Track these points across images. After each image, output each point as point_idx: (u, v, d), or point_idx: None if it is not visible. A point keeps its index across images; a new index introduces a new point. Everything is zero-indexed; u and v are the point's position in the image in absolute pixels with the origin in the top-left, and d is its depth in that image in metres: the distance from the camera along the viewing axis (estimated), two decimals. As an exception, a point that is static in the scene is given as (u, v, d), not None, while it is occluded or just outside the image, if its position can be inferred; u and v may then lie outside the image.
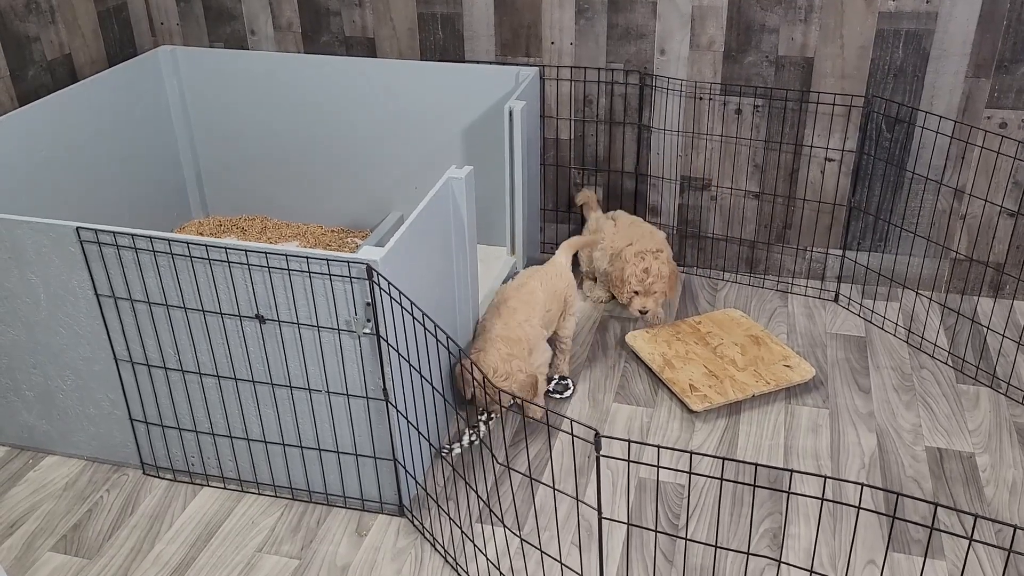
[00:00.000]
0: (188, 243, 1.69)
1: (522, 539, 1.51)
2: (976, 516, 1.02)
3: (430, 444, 1.75)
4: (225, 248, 1.68)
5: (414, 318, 1.60)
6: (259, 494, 1.96)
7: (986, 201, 2.42)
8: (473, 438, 2.01)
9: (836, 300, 2.60)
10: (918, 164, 2.46)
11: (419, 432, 1.77)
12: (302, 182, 2.88)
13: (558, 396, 2.22)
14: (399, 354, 1.68)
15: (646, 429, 2.13)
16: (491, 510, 1.54)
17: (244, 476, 1.96)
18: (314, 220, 2.97)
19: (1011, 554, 1.07)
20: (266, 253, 1.66)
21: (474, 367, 1.87)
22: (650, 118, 2.61)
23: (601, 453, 1.18)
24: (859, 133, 2.46)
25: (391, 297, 1.60)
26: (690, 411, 2.17)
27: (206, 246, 1.68)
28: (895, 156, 2.47)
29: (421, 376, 1.68)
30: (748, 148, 2.57)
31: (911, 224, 2.54)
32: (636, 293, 2.39)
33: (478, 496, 1.58)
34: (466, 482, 1.65)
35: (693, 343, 2.36)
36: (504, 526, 1.50)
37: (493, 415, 2.06)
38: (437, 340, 1.51)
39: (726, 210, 2.67)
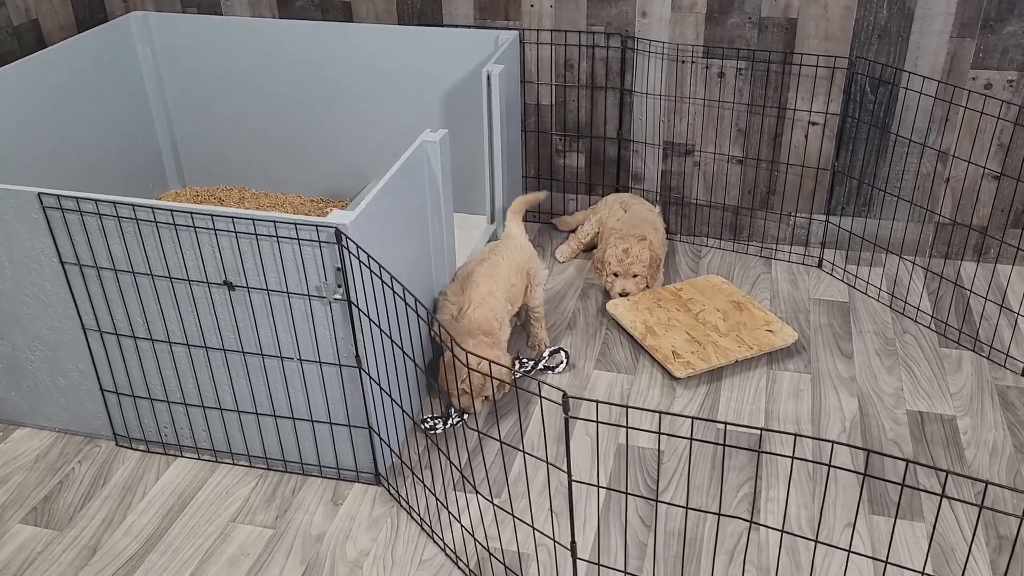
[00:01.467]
0: (153, 208, 1.65)
1: (495, 505, 1.49)
2: (948, 472, 1.00)
3: (403, 412, 1.72)
4: (191, 213, 1.64)
5: (383, 282, 1.57)
6: (233, 464, 1.94)
7: (969, 163, 2.39)
8: (455, 420, 1.98)
9: (820, 266, 2.58)
10: (902, 127, 2.43)
11: (393, 400, 1.74)
12: (280, 151, 2.84)
13: (552, 371, 2.18)
14: (371, 320, 1.65)
15: (626, 396, 2.11)
16: (464, 477, 1.52)
17: (218, 446, 1.93)
18: (293, 190, 2.93)
19: (982, 509, 1.05)
20: (232, 218, 1.62)
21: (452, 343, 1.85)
22: (632, 82, 2.56)
23: (569, 414, 1.16)
24: (843, 95, 2.43)
25: (361, 262, 1.57)
26: (673, 378, 2.15)
27: (171, 211, 1.64)
28: (879, 119, 2.44)
29: (393, 343, 1.65)
30: (731, 112, 2.53)
31: (895, 188, 2.51)
32: (615, 275, 2.37)
33: (452, 464, 1.55)
34: (440, 450, 1.62)
35: (675, 310, 2.33)
36: (478, 493, 1.48)
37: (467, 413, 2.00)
38: (407, 304, 1.48)
39: (709, 176, 2.64)
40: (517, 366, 2.15)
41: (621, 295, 2.37)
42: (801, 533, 1.74)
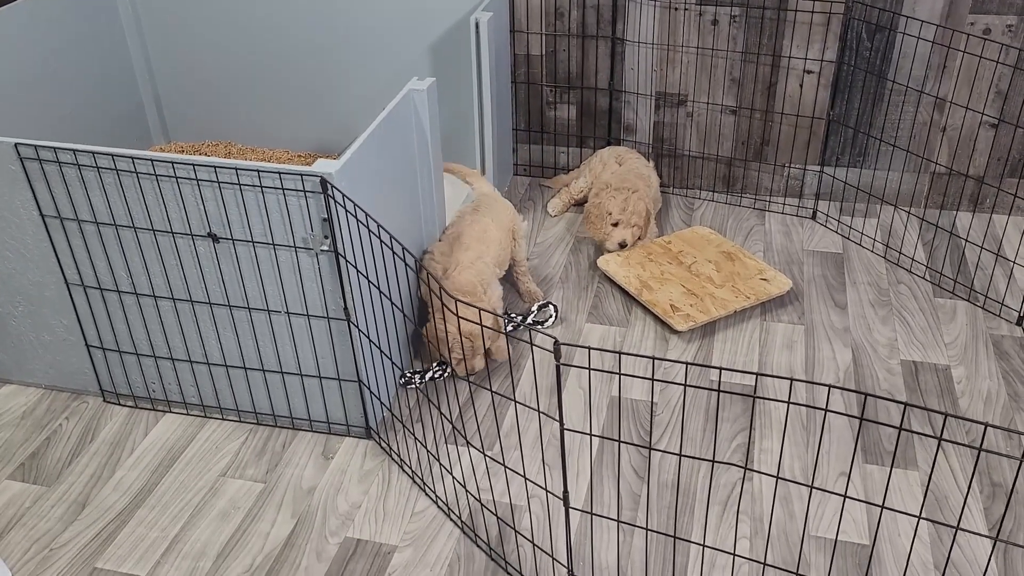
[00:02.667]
0: (133, 158, 1.61)
1: (487, 456, 1.48)
2: (946, 415, 0.98)
3: (393, 365, 1.70)
4: (172, 163, 1.60)
5: (371, 232, 1.53)
6: (223, 419, 1.92)
7: (967, 109, 2.36)
8: (437, 374, 1.96)
9: (814, 217, 2.55)
10: (898, 74, 2.39)
11: (382, 353, 1.72)
12: (267, 105, 2.78)
13: (540, 327, 2.16)
14: (358, 271, 1.62)
15: (619, 348, 2.09)
16: (456, 430, 1.51)
17: (207, 401, 1.91)
18: (280, 145, 2.88)
19: (980, 452, 1.03)
20: (215, 167, 1.58)
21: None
22: (624, 31, 2.51)
23: (560, 362, 1.13)
24: (839, 42, 2.38)
25: (347, 211, 1.54)
26: (670, 330, 2.13)
27: (152, 161, 1.60)
28: (875, 66, 2.40)
29: (381, 294, 1.63)
30: (725, 61, 2.49)
31: (891, 137, 2.48)
32: (615, 225, 2.32)
33: (442, 415, 1.54)
34: (431, 403, 1.60)
35: (667, 263, 2.31)
36: (470, 445, 1.47)
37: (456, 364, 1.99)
38: (394, 253, 1.45)
39: (702, 127, 2.60)
40: (506, 320, 2.13)
41: (621, 246, 2.33)
42: (797, 489, 1.72)
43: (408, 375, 1.94)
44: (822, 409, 1.00)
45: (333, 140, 2.80)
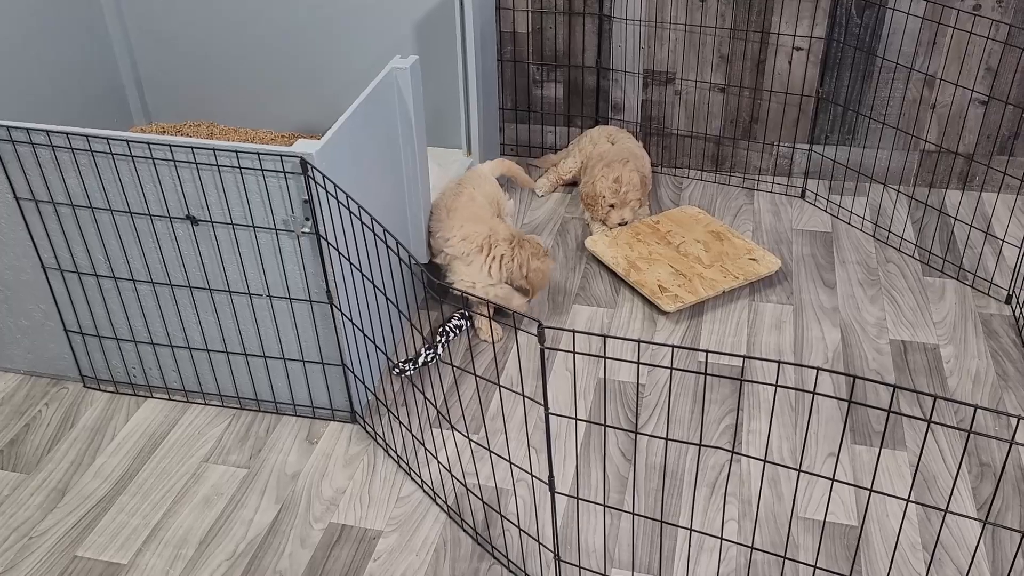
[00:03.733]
0: (108, 139, 1.57)
1: (472, 441, 1.46)
2: (936, 397, 0.96)
3: (377, 349, 1.68)
4: (148, 144, 1.56)
5: (352, 213, 1.51)
6: (205, 404, 1.90)
7: (957, 86, 2.33)
8: (430, 357, 1.94)
9: (803, 196, 2.53)
10: (888, 50, 2.36)
11: (366, 337, 1.70)
12: (250, 85, 2.74)
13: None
14: (340, 254, 1.59)
15: (607, 329, 2.07)
16: (441, 415, 1.48)
17: (189, 386, 1.88)
18: (264, 125, 2.84)
19: (970, 435, 1.02)
20: (192, 148, 1.55)
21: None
22: (611, 7, 2.47)
23: (545, 345, 1.11)
24: (828, 19, 2.35)
25: (328, 193, 1.51)
26: (658, 311, 2.11)
27: (127, 142, 1.57)
28: (865, 42, 2.37)
29: (364, 277, 1.60)
30: (713, 38, 2.45)
31: (880, 115, 2.45)
32: (612, 206, 2.31)
33: (427, 401, 1.51)
34: (415, 387, 1.58)
35: (655, 243, 2.28)
36: (454, 430, 1.45)
37: (453, 332, 1.99)
38: (375, 235, 1.42)
39: (691, 105, 2.57)
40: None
41: (620, 224, 2.31)
42: (782, 464, 1.71)
43: (400, 364, 1.91)
44: (811, 392, 0.98)
45: (317, 120, 2.76)
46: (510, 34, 2.57)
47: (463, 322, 2.04)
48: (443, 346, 1.99)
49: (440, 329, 2.02)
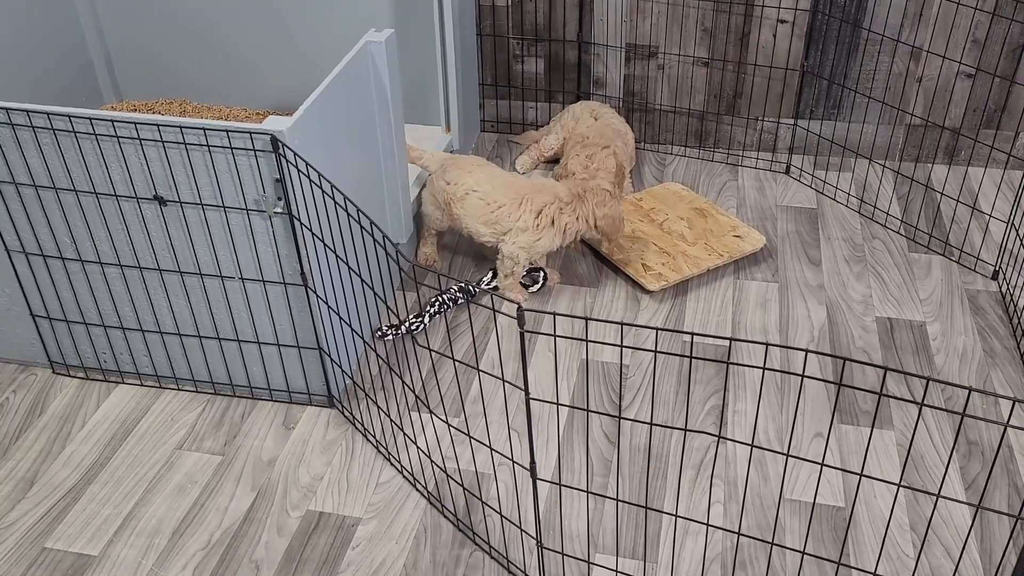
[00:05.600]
0: (70, 117, 1.51)
1: (450, 425, 1.42)
2: (928, 379, 0.93)
3: (353, 331, 1.63)
4: (112, 122, 1.50)
5: (324, 193, 1.45)
6: (178, 390, 1.85)
7: (944, 58, 2.30)
8: (414, 325, 1.91)
9: (787, 172, 2.49)
10: (873, 22, 2.32)
11: (342, 320, 1.65)
12: (223, 60, 2.66)
13: (525, 289, 2.09)
14: (314, 235, 1.54)
15: (589, 310, 2.03)
16: (419, 400, 1.44)
17: (161, 372, 1.83)
18: (238, 102, 2.77)
19: (964, 418, 0.99)
20: (158, 125, 1.49)
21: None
22: (591, -21, 2.42)
23: (525, 329, 1.07)
24: (813, -10, 2.31)
25: (300, 171, 1.45)
26: (642, 290, 2.07)
27: (91, 120, 1.51)
28: (850, 14, 2.33)
29: (338, 258, 1.55)
30: (697, 11, 2.40)
31: (866, 88, 2.41)
32: None
33: (404, 384, 1.47)
34: (391, 369, 1.54)
35: (638, 221, 2.24)
36: (433, 415, 1.41)
37: (446, 304, 1.95)
38: (348, 215, 1.37)
39: (674, 80, 2.52)
40: (491, 276, 2.06)
41: None
42: (769, 446, 1.69)
43: (384, 329, 1.87)
44: (798, 375, 0.95)
45: (292, 97, 2.69)
46: (489, 7, 2.51)
47: (460, 295, 1.99)
48: (432, 316, 1.94)
49: (433, 299, 1.98)
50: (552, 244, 1.99)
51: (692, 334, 1.01)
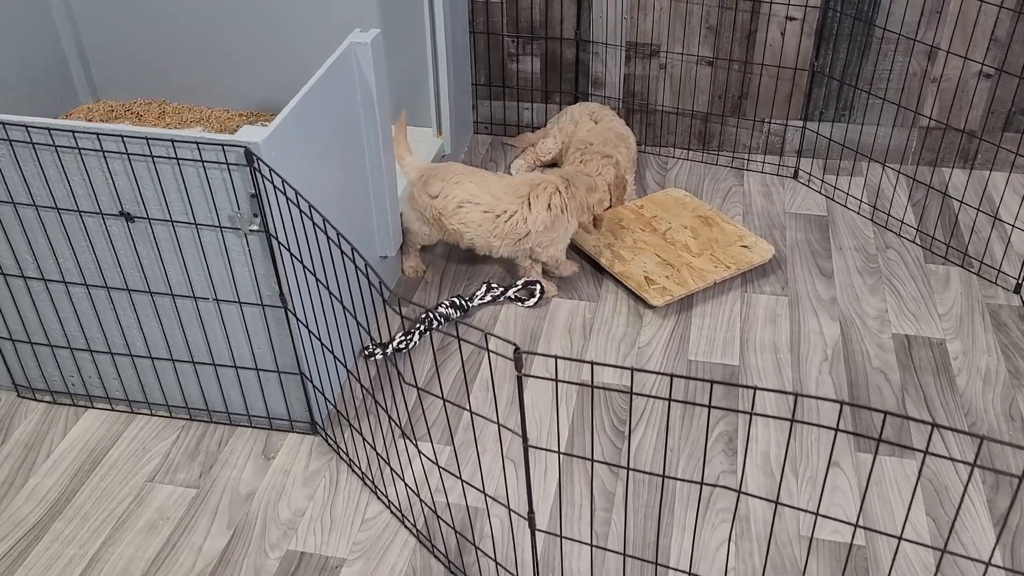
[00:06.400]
0: (27, 127, 1.39)
1: (439, 467, 1.30)
2: (933, 425, 0.82)
3: (335, 357, 1.52)
4: (72, 132, 1.38)
5: (303, 212, 1.33)
6: (152, 415, 1.73)
7: (966, 59, 2.18)
8: (402, 345, 1.80)
9: (795, 176, 2.38)
10: (889, 20, 2.20)
11: (324, 346, 1.53)
12: (204, 59, 2.54)
13: (521, 303, 1.98)
14: (292, 255, 1.42)
15: (589, 326, 1.92)
16: (406, 436, 1.33)
17: (133, 396, 1.72)
18: (219, 103, 2.65)
19: (974, 468, 0.88)
20: (122, 137, 1.37)
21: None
22: (590, -26, 2.30)
23: (523, 373, 0.96)
24: (824, -14, 2.19)
25: (276, 188, 1.33)
26: (645, 305, 1.95)
27: (49, 130, 1.39)
28: (863, 11, 2.21)
29: (317, 281, 1.43)
30: (701, 8, 2.28)
31: (879, 90, 2.30)
32: None
33: (391, 420, 1.36)
34: (376, 403, 1.42)
35: (639, 230, 2.13)
36: (420, 454, 1.30)
37: (436, 321, 1.84)
38: (328, 238, 1.25)
39: (676, 80, 2.40)
40: (484, 290, 1.95)
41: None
42: (783, 476, 1.58)
43: (371, 347, 1.76)
44: (815, 424, 0.84)
45: (277, 97, 2.57)
46: (483, 3, 2.38)
47: (452, 311, 1.88)
48: (421, 334, 1.84)
49: (423, 315, 1.87)
50: (569, 229, 1.95)
51: (712, 383, 0.90)
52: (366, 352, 1.77)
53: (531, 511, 1.10)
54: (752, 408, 0.92)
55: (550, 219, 1.89)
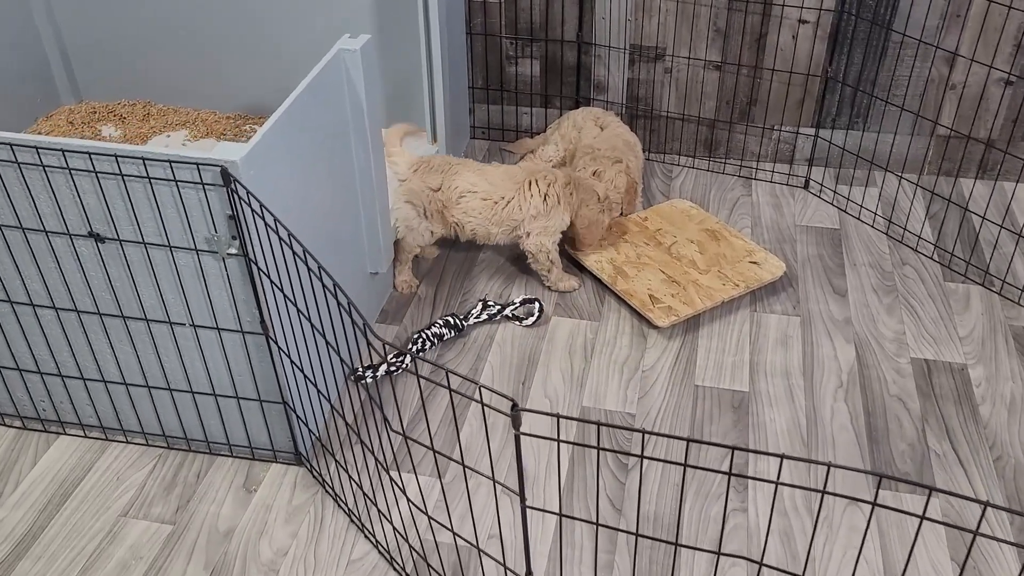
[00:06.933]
0: (-14, 142, 1.29)
1: (429, 516, 1.21)
2: (931, 489, 0.73)
3: (320, 395, 1.42)
4: (36, 148, 1.28)
5: (281, 240, 1.23)
6: (127, 442, 1.63)
7: (991, 68, 2.07)
8: (393, 367, 1.70)
9: (806, 187, 2.28)
10: (903, 23, 2.10)
11: (306, 378, 1.43)
12: (192, 58, 2.43)
13: (519, 322, 1.88)
14: (272, 282, 1.32)
15: (590, 347, 1.82)
16: (392, 481, 1.23)
17: (107, 423, 1.62)
18: (207, 105, 2.55)
19: (974, 535, 0.79)
20: (89, 153, 1.27)
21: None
22: (593, -26, 2.19)
23: (521, 431, 0.86)
24: (838, -12, 2.09)
25: (254, 212, 1.23)
26: (650, 325, 1.86)
27: (11, 145, 1.28)
28: (880, 15, 2.11)
29: (299, 312, 1.33)
30: (709, 10, 2.18)
31: (895, 97, 2.19)
32: None
33: (377, 462, 1.26)
34: (361, 441, 1.33)
35: (643, 244, 2.03)
36: (409, 501, 1.20)
37: (430, 341, 1.75)
38: (309, 270, 1.15)
39: (682, 84, 2.30)
40: (480, 308, 1.85)
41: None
42: (797, 514, 1.48)
43: (360, 370, 1.67)
44: (819, 491, 0.74)
45: (267, 100, 2.47)
46: (480, 4, 2.28)
47: (445, 331, 1.79)
48: (415, 356, 1.74)
49: (415, 335, 1.77)
50: (562, 223, 1.90)
51: (733, 448, 0.80)
52: (356, 375, 1.68)
53: (529, 572, 1.01)
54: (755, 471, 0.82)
55: (545, 208, 1.87)
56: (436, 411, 1.68)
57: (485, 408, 1.38)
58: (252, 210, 1.22)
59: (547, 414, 0.79)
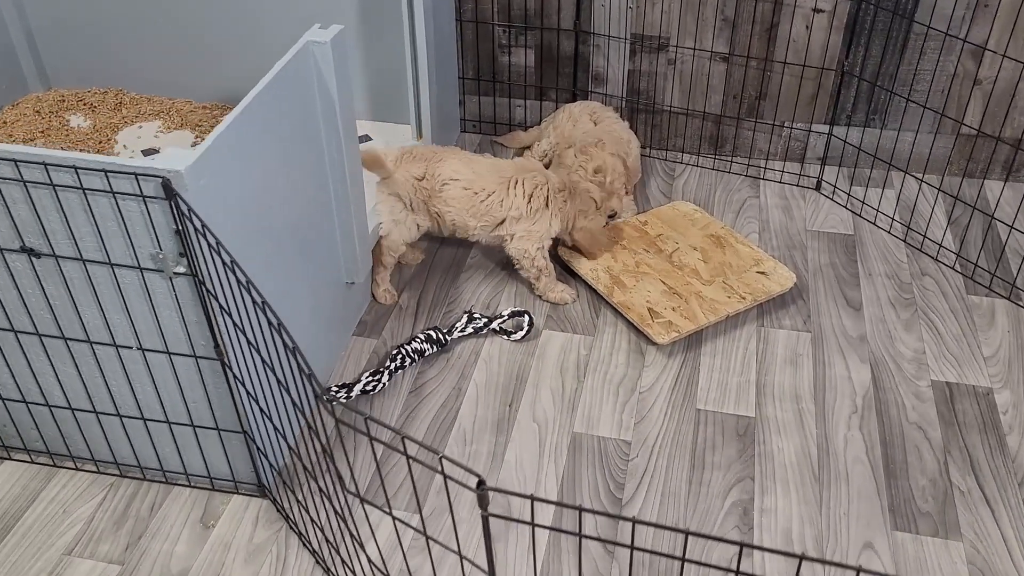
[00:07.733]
0: (-100, 147, 1.14)
1: None
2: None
3: (276, 431, 1.28)
4: (-45, 154, 1.14)
5: (225, 265, 1.09)
6: (77, 469, 1.50)
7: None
8: (370, 385, 1.57)
9: (818, 188, 2.13)
10: (925, 14, 1.94)
11: (262, 410, 1.30)
12: (166, 45, 2.28)
13: (507, 336, 1.73)
14: (222, 308, 1.18)
15: (583, 364, 1.68)
16: (353, 537, 1.10)
17: (54, 448, 1.49)
18: (181, 93, 2.40)
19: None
20: (15, 161, 1.13)
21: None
22: (592, -43, 2.04)
23: (489, 512, 0.72)
24: (857, -25, 1.93)
25: (196, 231, 1.09)
26: (648, 341, 1.71)
27: (-73, 152, 1.14)
28: (902, 5, 1.95)
29: (250, 344, 1.19)
30: (716, -4, 2.03)
31: (916, 93, 2.04)
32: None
33: (337, 514, 1.12)
34: (323, 493, 1.19)
35: (643, 251, 1.88)
36: (370, 562, 1.07)
37: (409, 358, 1.62)
38: (254, 302, 1.01)
39: (687, 77, 2.14)
40: (465, 321, 1.71)
41: (611, 218, 1.93)
42: (811, 565, 1.35)
43: (333, 390, 1.54)
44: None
45: (246, 89, 2.29)
46: (471, -12, 2.12)
47: (427, 346, 1.65)
48: (391, 374, 1.61)
49: (394, 351, 1.64)
50: (550, 230, 1.76)
51: (741, 545, 0.66)
52: (326, 396, 1.54)
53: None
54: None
55: (528, 210, 1.73)
56: (402, 463, 1.55)
57: (448, 482, 1.24)
58: (195, 229, 1.08)
59: (518, 495, 0.65)
